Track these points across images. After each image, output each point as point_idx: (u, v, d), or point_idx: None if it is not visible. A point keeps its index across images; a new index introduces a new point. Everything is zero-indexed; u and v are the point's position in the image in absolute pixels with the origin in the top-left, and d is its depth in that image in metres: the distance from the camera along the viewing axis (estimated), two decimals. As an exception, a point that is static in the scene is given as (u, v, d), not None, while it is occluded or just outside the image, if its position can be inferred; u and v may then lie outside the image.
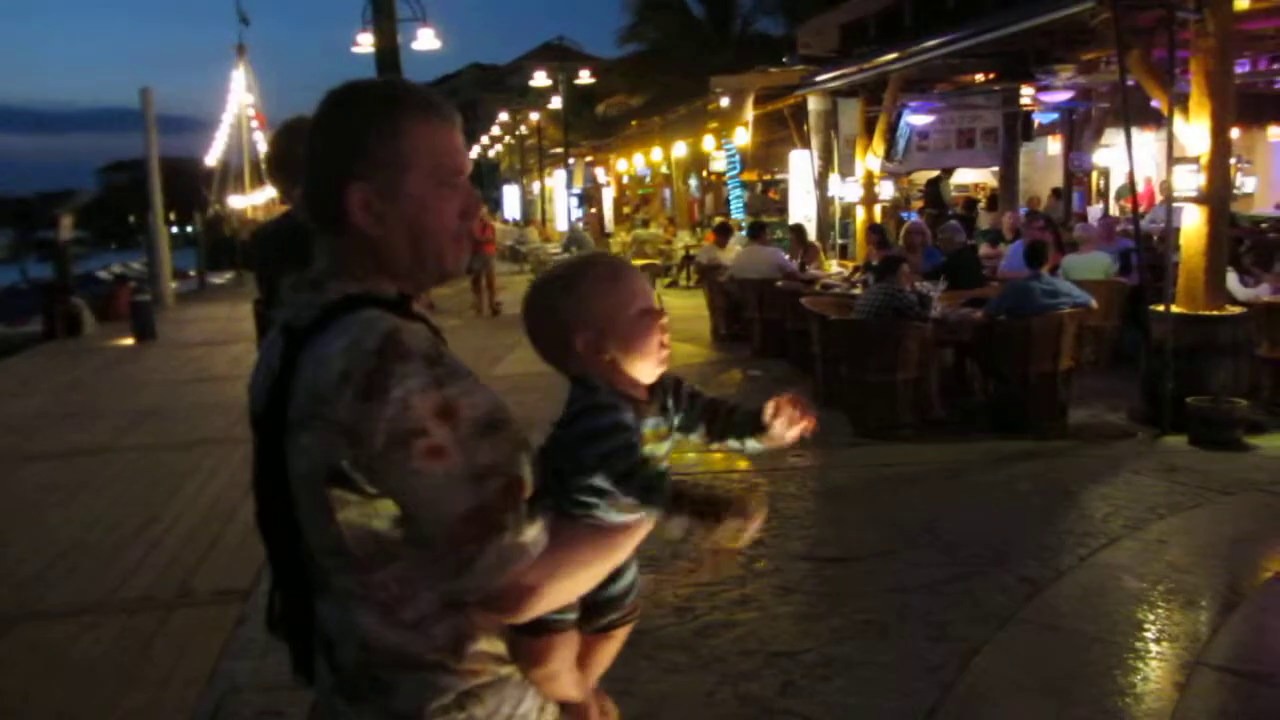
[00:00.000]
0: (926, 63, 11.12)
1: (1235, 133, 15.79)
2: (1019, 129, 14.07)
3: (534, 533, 1.29)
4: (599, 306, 1.51)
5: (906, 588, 4.54)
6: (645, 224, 27.05)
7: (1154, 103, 7.82)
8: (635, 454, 1.44)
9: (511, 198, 47.34)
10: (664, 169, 26.06)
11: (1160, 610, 4.31)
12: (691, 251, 17.99)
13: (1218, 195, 7.02)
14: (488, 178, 50.48)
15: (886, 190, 13.57)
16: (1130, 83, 7.54)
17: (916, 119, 13.59)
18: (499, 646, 1.40)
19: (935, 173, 17.24)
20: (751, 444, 1.61)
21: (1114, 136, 14.30)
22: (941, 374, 7.85)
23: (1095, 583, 4.58)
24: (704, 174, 25.22)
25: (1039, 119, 15.68)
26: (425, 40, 13.39)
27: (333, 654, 1.38)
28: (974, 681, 3.72)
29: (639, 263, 14.67)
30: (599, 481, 1.42)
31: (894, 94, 12.39)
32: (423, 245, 1.38)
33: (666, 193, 28.66)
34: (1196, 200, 6.96)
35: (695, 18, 29.45)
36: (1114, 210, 16.45)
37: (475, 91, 55.08)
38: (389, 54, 10.24)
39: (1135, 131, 8.77)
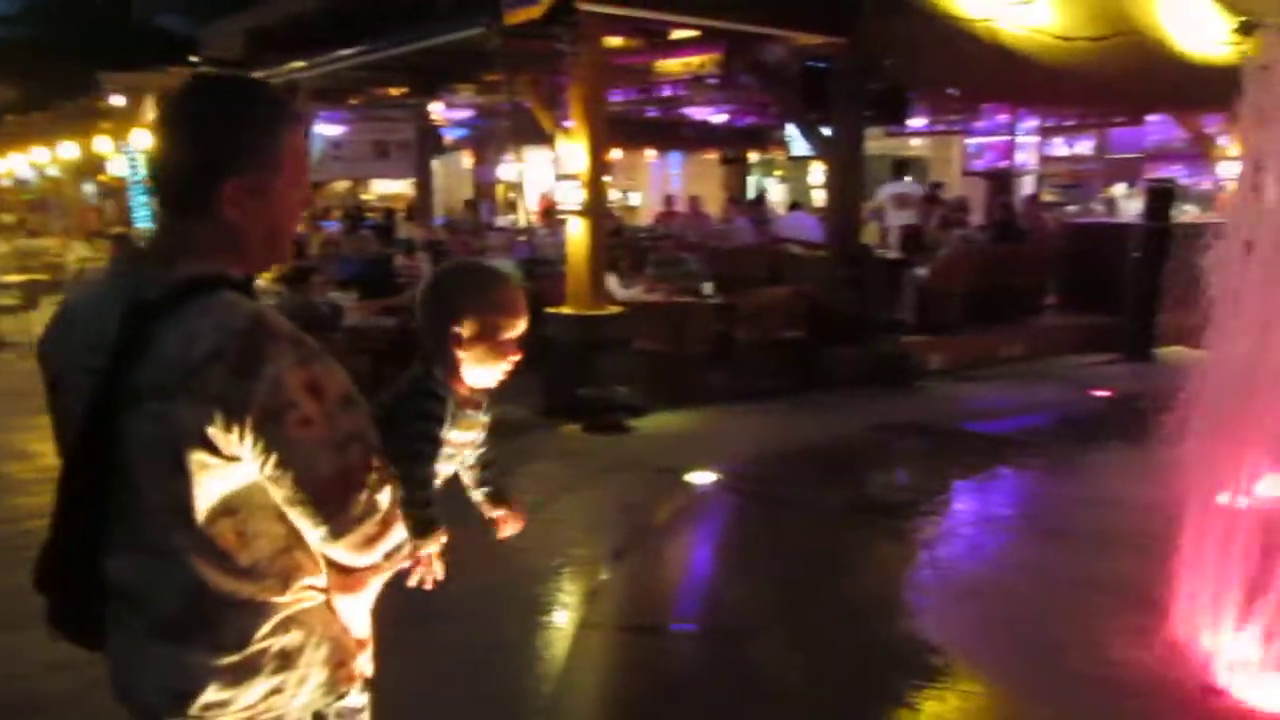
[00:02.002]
0: (336, 73, 11.16)
1: (618, 153, 17.93)
2: (430, 142, 14.66)
3: (387, 490, 1.52)
4: (494, 316, 1.80)
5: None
6: (33, 234, 23.83)
7: (549, 123, 8.59)
8: (428, 445, 1.78)
9: None
10: (51, 172, 23.20)
11: (553, 582, 4.75)
12: (89, 265, 16.22)
13: (597, 208, 7.89)
14: None
15: (303, 199, 13.38)
16: (526, 104, 8.21)
17: (329, 129, 13.57)
18: (319, 578, 1.59)
19: (350, 183, 17.36)
20: (477, 498, 2.03)
21: (519, 152, 15.47)
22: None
23: (496, 565, 4.90)
24: (101, 179, 22.87)
25: (449, 134, 16.45)
26: None
27: (147, 605, 1.49)
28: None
29: (20, 279, 12.87)
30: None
31: (305, 103, 12.25)
32: (276, 236, 1.56)
33: (58, 199, 25.53)
34: (579, 213, 7.77)
35: (85, 3, 26.58)
36: (523, 221, 17.78)
37: None
38: None
39: (533, 149, 9.57)
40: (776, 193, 23.40)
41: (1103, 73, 11.05)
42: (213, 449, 1.40)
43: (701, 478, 6.31)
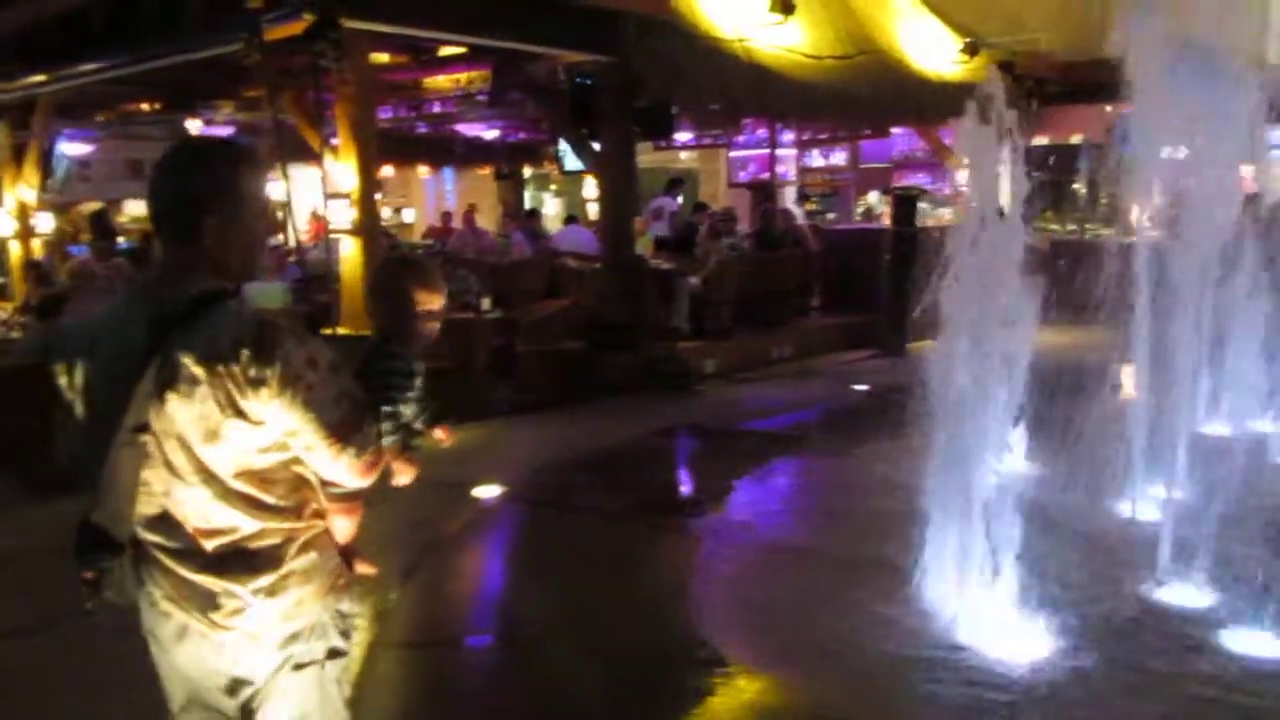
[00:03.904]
0: (81, 87, 10.49)
1: (389, 170, 17.63)
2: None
3: (373, 430, 2.10)
4: (427, 292, 2.47)
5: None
6: None
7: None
8: (397, 392, 2.43)
9: None
10: None
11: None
12: None
13: (369, 226, 7.80)
14: None
15: (46, 223, 12.48)
16: (291, 121, 8.00)
17: (74, 147, 12.72)
18: (321, 505, 2.11)
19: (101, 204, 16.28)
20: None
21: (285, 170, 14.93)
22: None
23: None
24: None
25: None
26: None
27: (192, 549, 1.97)
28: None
29: None
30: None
31: (45, 119, 11.46)
32: (249, 256, 2.04)
33: None
34: (350, 232, 7.66)
35: None
36: (293, 241, 17.17)
37: None
38: None
39: (300, 167, 9.32)
40: (553, 207, 23.66)
41: (850, 89, 11.85)
42: (244, 415, 1.88)
43: (488, 491, 6.36)
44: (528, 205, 18.91)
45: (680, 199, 14.01)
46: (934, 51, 13.80)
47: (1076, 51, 14.63)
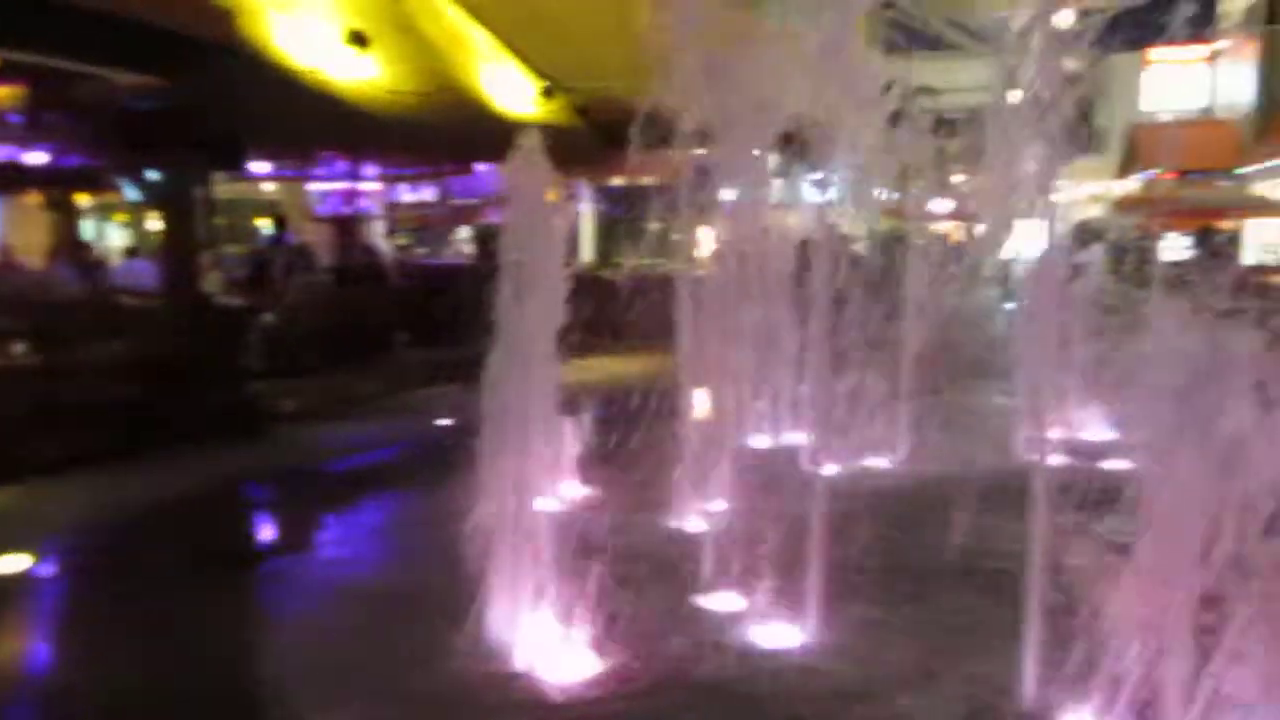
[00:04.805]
0: None
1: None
2: None
3: None
4: None
5: None
6: None
7: None
8: None
9: None
10: None
11: None
12: None
13: None
14: None
15: None
16: None
17: None
18: None
19: None
20: None
21: None
22: None
23: None
24: None
25: None
26: None
27: None
28: None
29: None
30: None
31: None
32: None
33: None
34: None
35: None
36: None
37: None
38: None
39: None
40: (119, 239, 21.71)
41: (430, 125, 11.96)
42: None
43: (16, 564, 5.62)
44: (86, 237, 17.16)
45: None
46: (514, 93, 14.29)
47: (646, 100, 15.78)
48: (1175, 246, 20.24)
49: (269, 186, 19.49)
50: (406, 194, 19.04)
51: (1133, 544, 3.20)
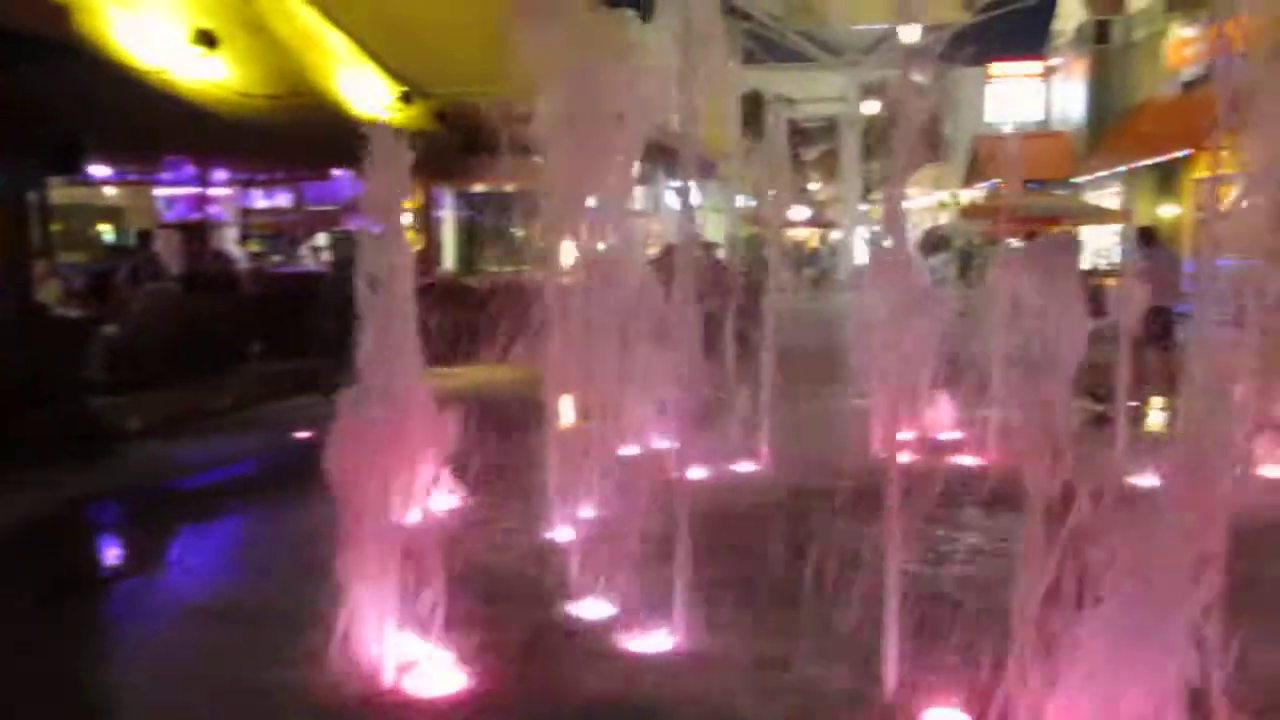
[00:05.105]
0: None
1: None
2: None
3: None
4: None
5: None
6: None
7: None
8: None
9: None
10: None
11: None
12: None
13: None
14: None
15: None
16: None
17: None
18: None
19: None
20: None
21: None
22: None
23: None
24: None
25: None
26: None
27: None
28: None
29: None
30: None
31: None
32: None
33: None
34: None
35: None
36: None
37: None
38: None
39: None
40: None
41: (284, 129, 11.60)
42: None
43: None
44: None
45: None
46: (371, 97, 14.00)
47: (504, 106, 15.68)
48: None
49: (112, 191, 18.59)
50: (260, 199, 18.40)
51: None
